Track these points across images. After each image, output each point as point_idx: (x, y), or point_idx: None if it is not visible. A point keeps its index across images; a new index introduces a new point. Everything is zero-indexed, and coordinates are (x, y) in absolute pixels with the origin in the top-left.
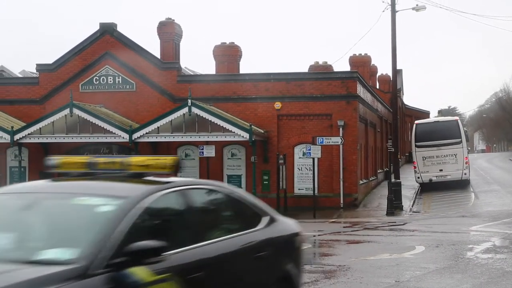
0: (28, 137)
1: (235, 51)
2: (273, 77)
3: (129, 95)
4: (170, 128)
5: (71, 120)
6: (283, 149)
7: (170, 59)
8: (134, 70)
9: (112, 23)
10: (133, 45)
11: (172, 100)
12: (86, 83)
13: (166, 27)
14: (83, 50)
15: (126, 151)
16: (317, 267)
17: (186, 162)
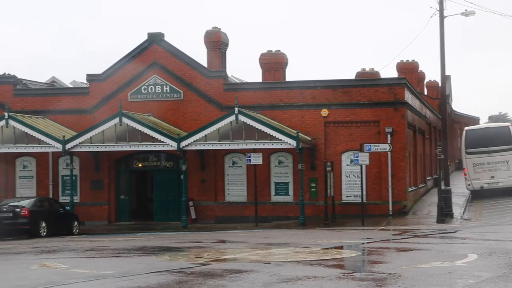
0: (79, 146)
1: (281, 58)
2: (319, 84)
3: (177, 104)
4: (218, 136)
5: (120, 129)
6: (331, 156)
7: (216, 67)
8: (182, 79)
9: (160, 33)
10: (181, 54)
11: (219, 108)
12: (135, 92)
13: (212, 36)
14: (132, 60)
15: (174, 159)
16: (367, 274)
17: (233, 170)
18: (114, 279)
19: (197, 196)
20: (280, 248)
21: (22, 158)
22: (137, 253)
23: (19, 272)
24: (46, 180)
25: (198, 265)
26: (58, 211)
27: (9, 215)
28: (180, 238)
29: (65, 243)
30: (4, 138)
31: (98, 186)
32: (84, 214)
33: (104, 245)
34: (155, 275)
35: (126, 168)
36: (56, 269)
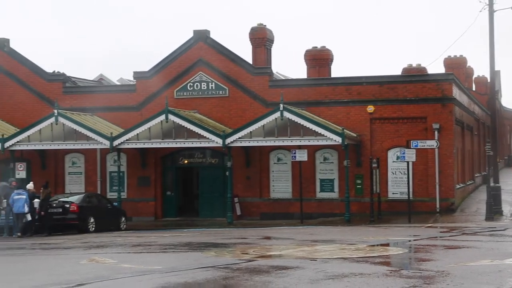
0: (126, 142)
1: (326, 55)
2: (365, 80)
3: (222, 101)
4: (263, 132)
5: (166, 126)
6: (376, 152)
7: (262, 64)
8: (227, 76)
9: (206, 30)
10: (226, 51)
11: (264, 105)
12: (181, 89)
13: (258, 33)
14: (178, 57)
15: (220, 155)
16: (415, 272)
17: (278, 166)
18: (161, 274)
19: (242, 192)
20: (326, 245)
21: (71, 155)
22: (184, 249)
23: (70, 266)
24: (94, 176)
25: (244, 261)
26: (106, 207)
27: (59, 210)
28: (225, 234)
29: (113, 238)
30: (54, 135)
31: (145, 182)
32: (131, 210)
33: (151, 241)
34: (202, 270)
35: (172, 165)
36: (105, 264)
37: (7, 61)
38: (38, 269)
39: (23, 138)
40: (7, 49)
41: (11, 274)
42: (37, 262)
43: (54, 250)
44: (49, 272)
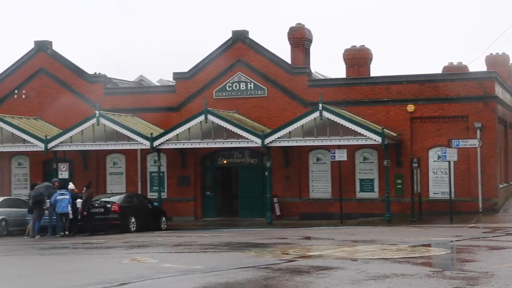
0: (166, 143)
1: (365, 54)
2: (405, 79)
3: (261, 101)
4: (302, 132)
5: (206, 126)
6: (417, 152)
7: (300, 64)
8: (266, 76)
9: (244, 30)
10: (264, 51)
11: (303, 105)
12: (220, 89)
13: (296, 33)
14: (217, 58)
15: (259, 155)
16: (458, 273)
17: (317, 166)
18: (202, 274)
19: (282, 192)
20: (367, 245)
21: (112, 155)
22: (224, 248)
23: (112, 265)
24: (135, 177)
25: (285, 261)
26: (147, 207)
27: (101, 210)
28: (265, 234)
29: (154, 238)
30: (96, 135)
31: (185, 182)
32: (171, 210)
33: (192, 241)
34: (242, 270)
35: (211, 165)
36: (147, 264)
37: (50, 63)
38: (81, 268)
39: (66, 139)
40: (50, 51)
41: (55, 273)
42: (80, 262)
43: (97, 250)
44: (92, 271)
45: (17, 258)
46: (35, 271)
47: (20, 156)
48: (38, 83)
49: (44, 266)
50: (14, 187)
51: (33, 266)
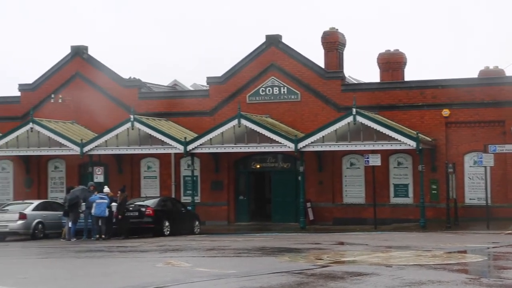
0: (200, 147)
1: (400, 58)
2: (440, 83)
3: (294, 105)
4: (335, 137)
5: (239, 131)
6: (452, 157)
7: (334, 68)
8: (299, 80)
9: (277, 34)
10: (298, 55)
11: (336, 109)
12: (253, 94)
13: (329, 37)
14: (250, 62)
15: (292, 160)
16: (496, 280)
17: (350, 171)
18: (236, 279)
19: (315, 197)
20: (401, 251)
21: (146, 159)
22: (257, 253)
23: (147, 269)
24: (168, 181)
25: (318, 267)
26: (180, 210)
27: (135, 214)
28: (298, 239)
29: (188, 242)
30: (130, 140)
31: (218, 186)
32: (204, 214)
33: (225, 245)
34: (276, 275)
35: (244, 169)
36: (181, 267)
37: (86, 68)
38: (117, 272)
39: (101, 143)
40: (86, 56)
41: (91, 275)
42: (115, 265)
43: (131, 253)
44: (127, 275)
45: (53, 260)
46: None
47: (57, 159)
48: (74, 88)
49: (80, 269)
50: (51, 190)
51: (69, 268)
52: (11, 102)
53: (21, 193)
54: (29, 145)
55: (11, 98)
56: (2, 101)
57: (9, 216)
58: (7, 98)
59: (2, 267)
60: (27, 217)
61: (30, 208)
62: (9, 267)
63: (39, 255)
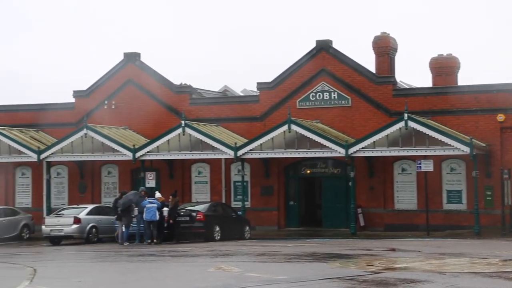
0: (250, 152)
1: (452, 62)
2: (495, 88)
3: (345, 110)
4: (386, 142)
5: (289, 136)
6: (508, 163)
7: (385, 73)
8: (350, 86)
9: (328, 40)
10: (348, 60)
11: (387, 114)
12: (303, 99)
13: (381, 42)
14: (300, 68)
15: (342, 165)
16: None
17: (402, 177)
18: (287, 284)
19: (366, 203)
20: (455, 258)
21: (197, 164)
22: (308, 259)
23: (198, 274)
24: (219, 186)
25: (370, 273)
26: (231, 216)
27: (186, 219)
28: (349, 245)
29: (238, 247)
30: (181, 145)
31: (268, 192)
32: (254, 219)
33: (275, 250)
34: (327, 281)
35: (294, 174)
36: (232, 272)
37: (138, 74)
38: (168, 276)
39: (153, 148)
40: (138, 62)
41: (143, 280)
42: (167, 269)
43: (183, 258)
44: (178, 279)
45: (107, 264)
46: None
47: (110, 165)
48: (126, 94)
49: (133, 273)
50: (104, 195)
51: (122, 273)
52: (66, 108)
53: (75, 197)
54: (83, 150)
55: (66, 104)
56: (57, 107)
57: (64, 220)
58: (62, 104)
59: (58, 270)
60: (82, 221)
61: (84, 212)
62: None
63: (93, 259)
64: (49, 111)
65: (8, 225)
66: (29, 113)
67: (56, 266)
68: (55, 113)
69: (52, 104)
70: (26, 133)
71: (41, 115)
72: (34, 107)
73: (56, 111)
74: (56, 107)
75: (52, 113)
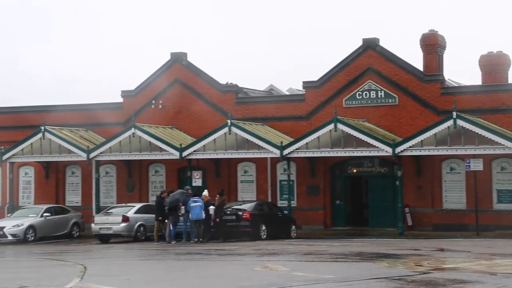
0: (296, 151)
1: (503, 60)
2: None
3: (391, 109)
4: (434, 141)
5: (335, 135)
6: None
7: (433, 71)
8: (397, 84)
9: (375, 38)
10: (396, 58)
11: (435, 113)
12: (349, 98)
13: (429, 39)
14: (347, 66)
15: (389, 164)
16: None
17: (450, 176)
18: (334, 284)
19: (413, 202)
20: (507, 259)
21: (243, 164)
22: (355, 258)
23: (244, 272)
24: (265, 185)
25: (419, 274)
26: (277, 214)
27: (233, 217)
28: (397, 245)
29: (284, 246)
30: (227, 144)
31: (314, 191)
32: (300, 218)
33: (322, 250)
34: (375, 281)
35: (341, 174)
36: (278, 272)
37: (185, 74)
38: (215, 275)
39: (199, 147)
40: (185, 62)
41: (190, 278)
42: (214, 268)
43: (229, 256)
44: (225, 278)
45: (154, 262)
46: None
47: (157, 164)
48: (173, 93)
49: (180, 271)
50: (151, 194)
51: (170, 271)
52: (114, 108)
53: (123, 196)
54: (131, 149)
55: (114, 104)
56: (106, 107)
57: (113, 218)
58: (111, 104)
59: (107, 268)
60: (130, 220)
61: (132, 211)
62: (114, 268)
63: (141, 257)
64: (98, 111)
65: (59, 223)
66: (79, 113)
67: (105, 264)
68: (103, 112)
69: (101, 104)
70: (76, 132)
71: (90, 114)
72: (83, 107)
73: (104, 111)
74: (104, 107)
75: (101, 112)
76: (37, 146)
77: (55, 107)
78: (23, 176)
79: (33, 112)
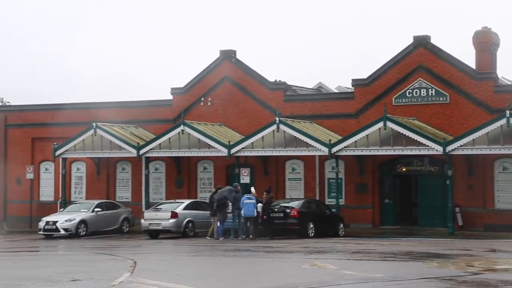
0: (344, 149)
1: None
2: None
3: (442, 107)
4: (487, 140)
5: (384, 133)
6: None
7: (486, 69)
8: (448, 82)
9: (426, 35)
10: (447, 56)
11: (488, 112)
12: (399, 96)
13: (482, 37)
14: (397, 64)
15: (439, 163)
16: None
17: (503, 175)
18: (383, 283)
19: (464, 202)
20: None
21: (291, 161)
22: (404, 258)
23: (293, 270)
24: (313, 183)
25: (470, 274)
26: (325, 212)
27: (280, 215)
28: (447, 244)
29: (332, 244)
30: (275, 141)
31: (363, 189)
32: (348, 217)
33: (370, 248)
34: (425, 281)
35: (389, 172)
36: (326, 270)
37: (234, 71)
38: (264, 271)
39: (247, 144)
40: (234, 60)
41: (238, 274)
42: (261, 264)
43: (277, 254)
44: (273, 275)
45: (203, 258)
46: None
47: (205, 161)
48: (222, 91)
49: (228, 267)
50: (200, 190)
51: (218, 267)
52: (163, 105)
53: (172, 192)
54: (180, 146)
55: (164, 101)
56: (156, 104)
57: (162, 214)
58: (160, 101)
59: (157, 263)
60: (179, 216)
61: (181, 207)
62: (163, 264)
63: (189, 252)
64: (148, 108)
65: (110, 218)
66: (129, 110)
67: (155, 259)
68: (153, 109)
69: (151, 101)
70: (126, 129)
71: (140, 112)
72: (133, 104)
73: (154, 108)
74: (154, 104)
75: (151, 109)
76: (89, 142)
77: (107, 104)
78: (75, 172)
79: (85, 109)
